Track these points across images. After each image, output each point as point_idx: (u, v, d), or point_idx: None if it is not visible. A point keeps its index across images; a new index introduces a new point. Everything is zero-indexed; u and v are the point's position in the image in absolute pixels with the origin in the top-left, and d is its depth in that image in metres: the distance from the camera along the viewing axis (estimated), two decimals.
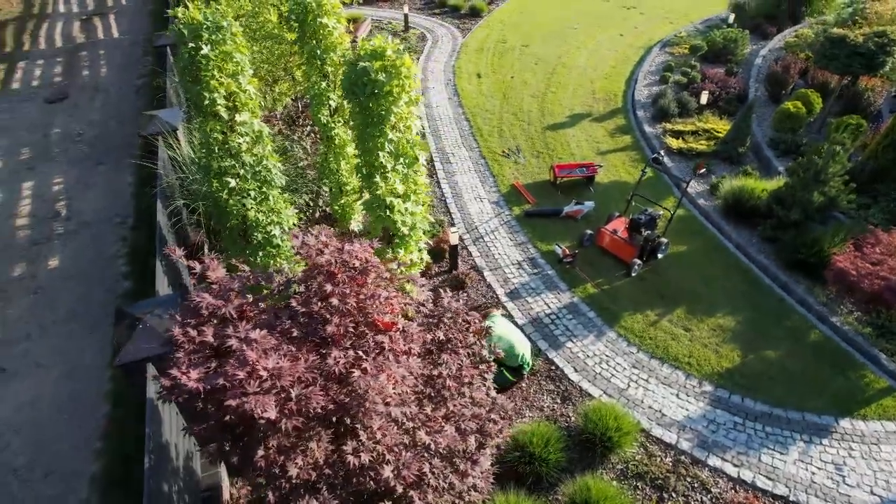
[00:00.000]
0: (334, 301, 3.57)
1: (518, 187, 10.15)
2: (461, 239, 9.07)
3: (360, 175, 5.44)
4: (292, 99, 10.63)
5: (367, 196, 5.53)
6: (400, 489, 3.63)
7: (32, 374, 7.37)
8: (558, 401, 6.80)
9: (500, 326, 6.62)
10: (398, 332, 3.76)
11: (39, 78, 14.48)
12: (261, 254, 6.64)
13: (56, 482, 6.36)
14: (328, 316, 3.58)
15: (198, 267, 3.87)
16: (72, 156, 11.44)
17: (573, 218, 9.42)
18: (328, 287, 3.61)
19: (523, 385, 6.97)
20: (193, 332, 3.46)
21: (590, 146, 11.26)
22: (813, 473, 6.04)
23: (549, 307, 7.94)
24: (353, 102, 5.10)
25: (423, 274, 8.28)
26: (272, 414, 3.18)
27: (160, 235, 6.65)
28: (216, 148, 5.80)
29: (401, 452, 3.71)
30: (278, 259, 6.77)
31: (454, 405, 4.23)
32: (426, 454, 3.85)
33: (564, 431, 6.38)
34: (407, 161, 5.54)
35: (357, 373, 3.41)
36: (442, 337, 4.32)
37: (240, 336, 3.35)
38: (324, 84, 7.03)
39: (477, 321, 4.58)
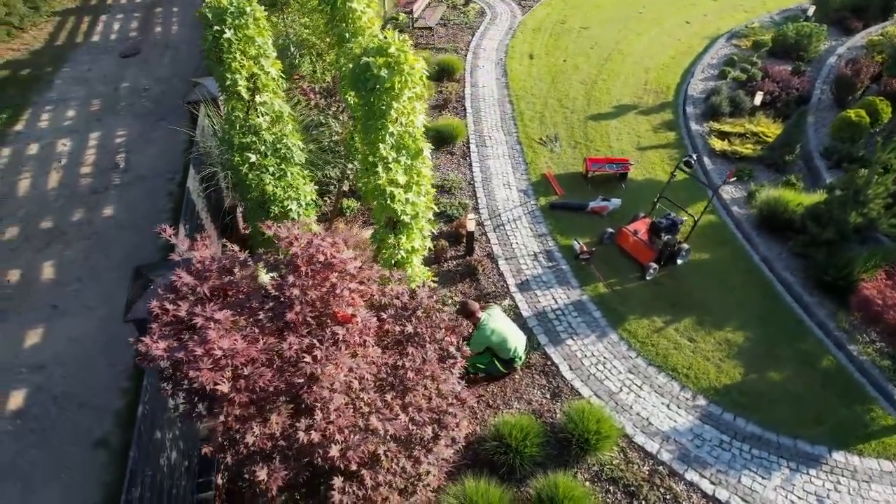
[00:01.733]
0: (295, 291, 3.77)
1: (549, 177, 10.01)
2: (482, 224, 9.10)
3: (364, 165, 5.57)
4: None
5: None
6: (343, 467, 3.85)
7: (80, 314, 8.07)
8: (548, 396, 6.86)
9: (496, 320, 6.68)
10: (356, 325, 3.93)
11: (117, 32, 15.28)
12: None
13: (87, 413, 7.03)
14: (292, 303, 3.79)
15: (185, 246, 4.14)
16: (136, 110, 12.13)
17: (598, 214, 9.24)
18: (290, 278, 3.81)
19: (517, 377, 7.05)
20: (170, 306, 3.76)
21: (630, 140, 10.91)
22: (792, 502, 5.89)
23: (557, 302, 7.91)
24: (358, 95, 5.20)
25: (436, 257, 8.42)
26: (224, 388, 3.45)
27: (188, 199, 7.07)
28: (237, 125, 6.07)
29: (349, 435, 3.92)
30: None
31: (414, 396, 4.39)
32: (376, 438, 4.04)
33: (548, 427, 6.45)
34: (410, 153, 5.62)
35: (308, 358, 3.61)
36: (410, 330, 4.47)
37: (206, 315, 3.61)
38: (351, 66, 7.14)
39: (448, 318, 4.68)
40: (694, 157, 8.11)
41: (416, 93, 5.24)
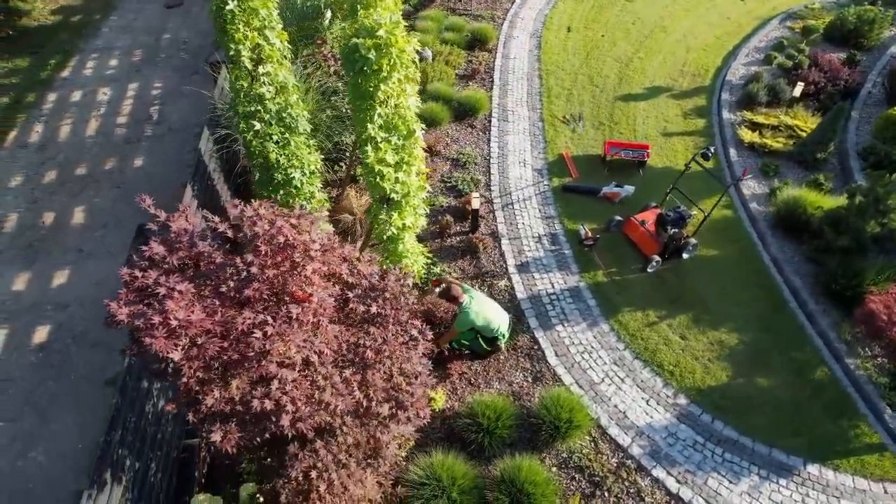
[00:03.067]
0: (254, 269, 3.92)
1: (566, 158, 9.81)
2: (490, 202, 9.05)
3: (357, 143, 5.62)
4: None
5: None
6: (291, 436, 4.07)
7: (104, 259, 8.53)
8: (529, 380, 6.93)
9: (479, 303, 6.64)
10: (311, 305, 4.06)
11: None
12: (281, 192, 7.10)
13: (101, 352, 7.52)
14: (251, 280, 3.95)
15: (162, 216, 4.33)
16: (174, 63, 12.41)
17: (610, 200, 9.05)
18: (249, 257, 3.96)
19: (502, 357, 7.13)
20: (138, 274, 3.97)
21: (656, 125, 10.53)
22: None
23: (553, 287, 7.89)
24: (347, 75, 5.21)
25: (440, 232, 8.47)
26: (176, 356, 3.67)
27: (199, 160, 7.29)
28: (241, 94, 6.18)
29: (301, 406, 4.12)
30: (298, 199, 7.21)
31: (373, 374, 4.54)
32: (327, 412, 4.23)
33: (524, 410, 6.56)
34: (401, 134, 5.62)
35: (258, 334, 3.79)
36: (374, 311, 4.59)
37: (168, 286, 3.81)
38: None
39: (414, 302, 4.77)
40: (712, 149, 7.80)
41: (407, 75, 5.20)
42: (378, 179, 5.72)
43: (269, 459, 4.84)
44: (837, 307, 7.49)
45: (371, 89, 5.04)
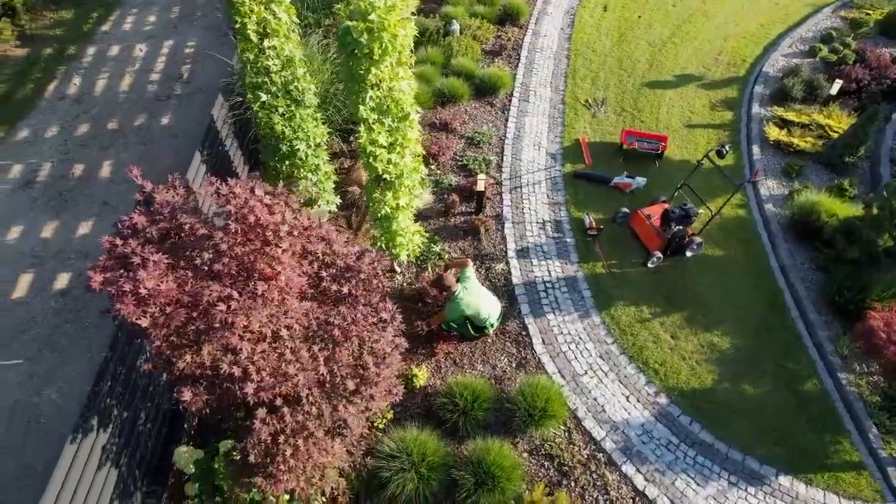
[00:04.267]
0: (223, 246, 4.08)
1: (582, 144, 9.62)
2: (499, 184, 9.00)
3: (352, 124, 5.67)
4: None
5: None
6: (253, 403, 4.29)
7: (125, 212, 8.85)
8: (513, 365, 7.01)
9: (471, 293, 6.62)
10: (277, 282, 4.22)
11: None
12: (287, 163, 7.25)
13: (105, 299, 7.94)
14: (220, 255, 4.11)
15: (148, 187, 4.52)
16: (208, 22, 12.58)
17: (621, 190, 8.88)
18: (219, 233, 4.11)
19: (489, 340, 7.21)
20: (118, 242, 4.18)
21: (681, 115, 10.17)
22: None
23: (550, 275, 7.86)
24: (341, 56, 5.23)
25: (445, 211, 8.50)
26: (144, 323, 3.90)
27: (210, 126, 7.47)
28: (248, 66, 6.28)
29: (265, 376, 4.32)
30: (302, 171, 7.35)
31: (340, 351, 4.70)
32: (290, 383, 4.42)
33: (503, 395, 6.65)
34: (397, 116, 5.64)
35: (222, 307, 3.97)
36: (345, 291, 4.72)
37: (143, 256, 4.01)
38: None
39: (384, 284, 4.87)
40: (727, 147, 7.53)
41: (400, 59, 5.19)
42: (371, 160, 5.78)
43: (245, 421, 5.10)
44: (839, 320, 7.26)
45: (362, 72, 5.05)
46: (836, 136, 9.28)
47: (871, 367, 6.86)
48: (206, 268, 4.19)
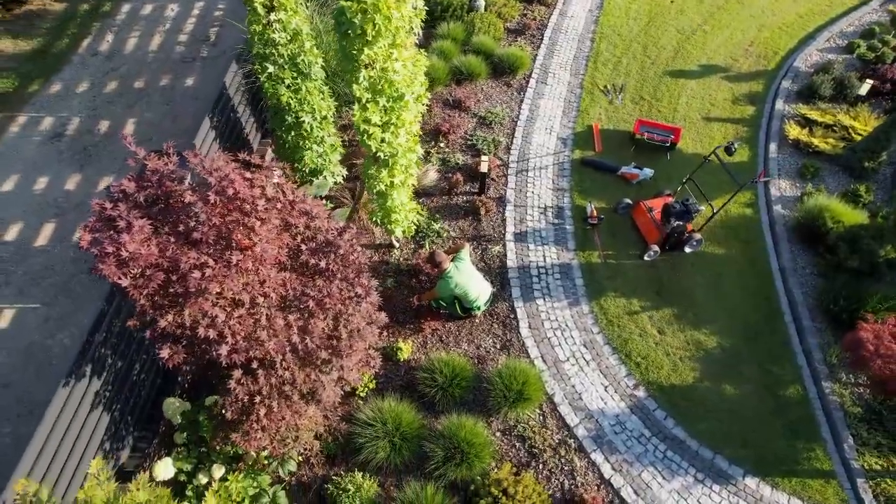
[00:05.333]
0: (202, 216, 4.27)
1: (594, 130, 9.50)
2: (506, 166, 8.98)
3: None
4: None
5: None
6: (227, 364, 4.54)
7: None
8: (497, 346, 7.13)
9: (461, 274, 6.75)
10: (252, 254, 4.40)
11: None
12: (293, 133, 7.40)
13: None
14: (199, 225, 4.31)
15: (141, 154, 4.72)
16: None
17: (627, 180, 8.78)
18: (199, 204, 4.30)
19: (477, 320, 7.33)
20: (107, 205, 4.41)
21: (700, 107, 9.91)
22: None
23: (545, 261, 7.89)
24: (336, 36, 5.29)
25: (449, 189, 8.56)
26: (125, 283, 4.14)
27: (221, 93, 7.64)
28: (256, 37, 6.39)
29: (239, 340, 4.55)
30: (308, 142, 7.49)
31: (314, 321, 4.90)
32: (262, 348, 4.64)
33: (484, 374, 6.79)
34: (392, 97, 5.69)
35: (196, 273, 4.18)
36: (323, 266, 4.89)
37: (127, 220, 4.23)
38: None
39: (361, 261, 5.02)
40: (735, 144, 7.36)
41: (395, 42, 5.22)
42: (365, 138, 5.88)
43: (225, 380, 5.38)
44: (832, 328, 7.13)
45: (355, 52, 5.12)
46: (859, 138, 8.93)
47: (858, 379, 6.77)
48: (187, 236, 4.40)
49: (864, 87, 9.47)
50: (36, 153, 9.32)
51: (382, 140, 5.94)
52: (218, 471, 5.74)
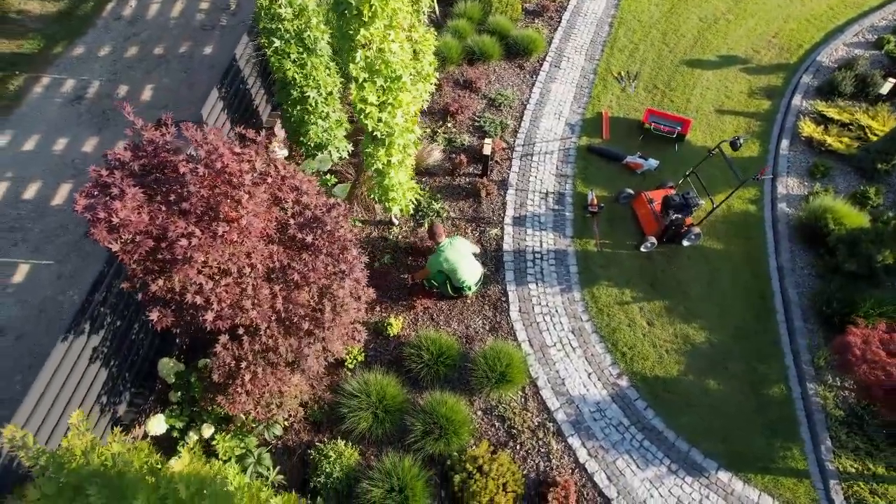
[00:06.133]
0: (191, 188, 4.42)
1: (604, 118, 9.40)
2: (511, 149, 8.97)
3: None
4: None
5: None
6: (213, 329, 4.74)
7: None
8: (486, 328, 7.24)
9: (454, 250, 6.86)
10: (237, 226, 4.55)
11: None
12: (298, 108, 7.49)
13: None
14: (189, 196, 4.46)
15: (139, 124, 4.87)
16: None
17: (632, 170, 8.71)
18: (188, 176, 4.44)
19: (468, 301, 7.44)
20: (104, 172, 4.59)
21: (714, 98, 9.71)
22: (651, 497, 6.05)
23: (542, 246, 7.93)
24: (334, 16, 5.33)
25: (452, 170, 8.61)
26: (115, 248, 4.33)
27: (231, 64, 7.75)
28: (262, 12, 6.47)
29: (224, 307, 4.74)
30: (313, 116, 7.59)
31: (298, 293, 5.06)
32: (246, 316, 4.83)
33: (470, 354, 6.91)
34: (390, 77, 5.74)
35: (183, 242, 4.34)
36: (309, 240, 5.03)
37: (120, 187, 4.40)
38: None
39: (347, 237, 5.14)
40: (741, 139, 7.25)
41: (392, 23, 5.25)
42: (362, 116, 5.95)
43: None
44: (824, 331, 7.07)
45: (351, 32, 5.17)
46: (875, 139, 8.69)
47: (844, 382, 6.73)
48: (177, 205, 4.57)
49: (886, 86, 9.16)
50: (57, 114, 9.59)
51: (379, 119, 6.01)
52: (207, 430, 6.00)
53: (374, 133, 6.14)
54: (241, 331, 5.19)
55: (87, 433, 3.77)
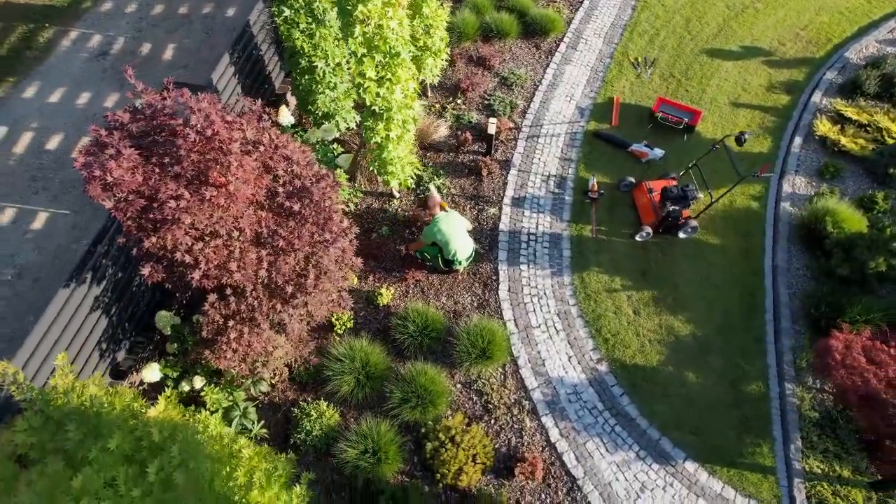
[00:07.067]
0: (182, 152, 4.61)
1: (615, 103, 9.30)
2: (517, 129, 8.96)
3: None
4: None
5: None
6: (201, 287, 4.99)
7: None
8: (473, 304, 7.38)
9: (448, 223, 6.98)
10: (225, 191, 4.74)
11: None
12: (306, 77, 7.61)
13: None
14: (180, 160, 4.66)
15: (139, 87, 5.05)
16: None
17: (637, 158, 8.65)
18: (179, 141, 4.63)
19: (460, 277, 7.58)
20: (103, 132, 4.81)
21: (731, 91, 9.49)
22: (616, 480, 6.21)
23: (538, 228, 7.99)
24: None
25: (457, 147, 8.67)
26: (108, 205, 4.58)
27: (243, 31, 7.87)
28: None
29: (211, 268, 4.98)
30: (320, 86, 7.70)
31: (284, 259, 5.27)
32: (230, 278, 5.06)
33: (455, 329, 7.08)
34: (389, 53, 5.80)
35: (172, 204, 4.56)
36: (296, 209, 5.21)
37: (116, 147, 4.62)
38: None
39: (334, 208, 5.30)
40: (747, 135, 7.14)
41: (389, 1, 5.30)
42: (360, 90, 6.05)
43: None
44: (811, 332, 7.04)
45: (349, 7, 5.23)
46: (892, 142, 8.45)
47: (824, 385, 6.73)
48: (170, 168, 4.77)
49: None
50: (82, 69, 9.87)
51: (378, 94, 6.10)
52: (199, 381, 6.33)
53: (373, 107, 6.24)
54: (228, 291, 5.45)
55: (69, 374, 4.07)
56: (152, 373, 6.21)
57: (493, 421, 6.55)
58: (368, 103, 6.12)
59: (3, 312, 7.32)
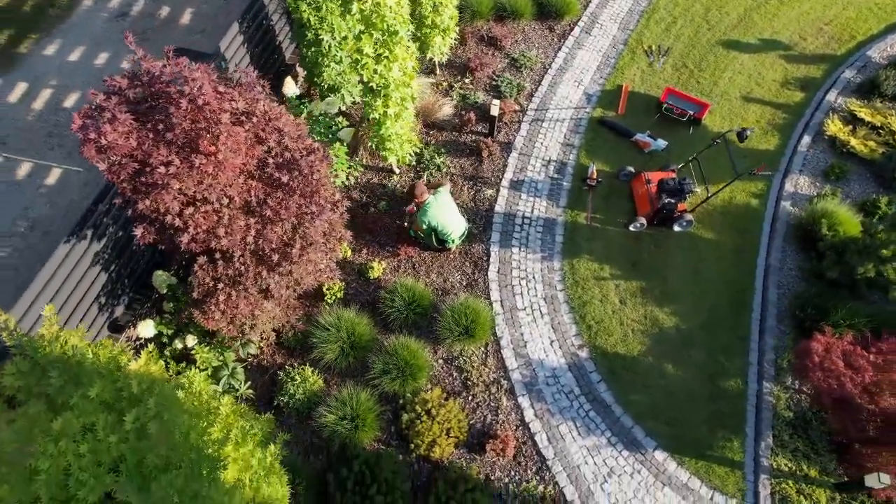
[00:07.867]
0: (175, 119, 4.76)
1: (623, 91, 9.20)
2: (522, 111, 8.95)
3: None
4: None
5: None
6: (184, 249, 5.19)
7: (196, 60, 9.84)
8: (462, 283, 7.50)
9: (439, 206, 7.02)
10: (213, 159, 4.89)
11: None
12: (312, 49, 7.68)
13: None
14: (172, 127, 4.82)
15: (140, 53, 5.19)
16: None
17: (640, 148, 8.59)
18: (172, 109, 4.77)
19: (451, 256, 7.70)
20: (101, 96, 4.97)
21: (744, 84, 9.31)
22: (585, 464, 6.36)
23: (533, 212, 8.03)
24: None
25: (460, 126, 8.70)
26: (102, 167, 4.77)
27: (253, 1, 7.94)
28: None
29: (199, 232, 5.18)
30: (326, 59, 7.77)
31: (271, 227, 5.43)
32: (218, 243, 5.25)
33: (442, 306, 7.21)
34: (387, 31, 5.84)
35: (161, 169, 4.73)
36: (285, 181, 5.35)
37: (112, 112, 4.79)
38: None
39: (321, 181, 5.43)
40: (749, 131, 7.07)
41: None
42: (358, 67, 6.13)
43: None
44: (795, 333, 7.02)
45: None
46: None
47: (802, 386, 6.75)
48: (163, 135, 4.94)
49: None
50: (102, 29, 10.05)
51: (375, 71, 6.16)
52: (191, 340, 6.59)
53: (371, 84, 6.31)
54: (217, 255, 5.65)
55: (55, 325, 4.32)
56: (147, 328, 6.47)
57: (470, 397, 6.72)
58: (366, 80, 6.18)
59: (15, 263, 7.65)
